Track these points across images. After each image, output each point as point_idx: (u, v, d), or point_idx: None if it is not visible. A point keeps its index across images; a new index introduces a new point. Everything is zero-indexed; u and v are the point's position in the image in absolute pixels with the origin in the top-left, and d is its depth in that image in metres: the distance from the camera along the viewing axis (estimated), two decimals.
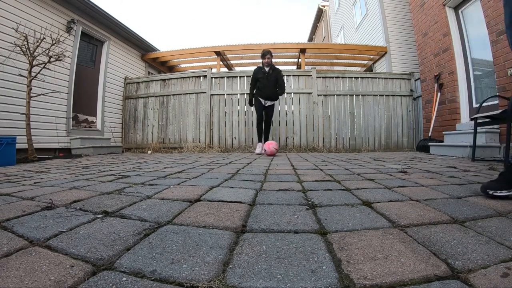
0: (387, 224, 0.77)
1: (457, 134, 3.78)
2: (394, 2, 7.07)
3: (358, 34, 8.95)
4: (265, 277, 0.49)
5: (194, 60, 8.13)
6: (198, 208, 0.94)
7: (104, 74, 5.91)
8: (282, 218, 0.83)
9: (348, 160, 2.98)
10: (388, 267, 0.52)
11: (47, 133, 4.56)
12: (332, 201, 1.05)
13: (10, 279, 0.47)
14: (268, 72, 4.12)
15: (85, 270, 0.51)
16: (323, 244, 0.63)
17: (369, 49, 7.22)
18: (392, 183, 1.42)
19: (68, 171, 2.20)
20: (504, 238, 0.65)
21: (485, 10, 3.50)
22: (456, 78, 4.20)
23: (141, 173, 1.92)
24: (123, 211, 0.91)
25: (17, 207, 0.96)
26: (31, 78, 3.64)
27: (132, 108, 6.30)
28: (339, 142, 5.58)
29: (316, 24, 16.37)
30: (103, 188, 1.32)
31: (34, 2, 4.32)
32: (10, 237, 0.67)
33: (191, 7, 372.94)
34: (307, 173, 1.85)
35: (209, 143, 5.61)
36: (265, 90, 4.15)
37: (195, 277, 0.49)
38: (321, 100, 5.64)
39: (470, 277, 0.48)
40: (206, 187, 1.34)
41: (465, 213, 0.86)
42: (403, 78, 5.70)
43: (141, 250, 0.60)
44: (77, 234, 0.69)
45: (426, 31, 4.89)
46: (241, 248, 0.62)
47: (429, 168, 2.13)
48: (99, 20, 5.61)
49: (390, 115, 5.61)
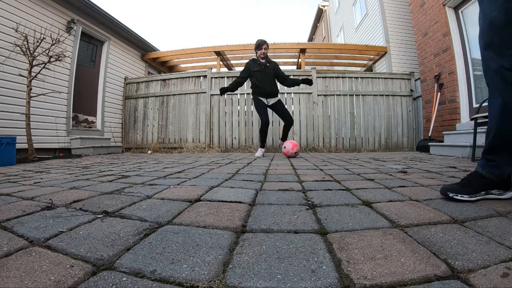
0: (387, 224, 0.77)
1: (457, 134, 3.78)
2: (394, 2, 7.07)
3: (358, 34, 8.95)
4: (265, 277, 0.49)
5: (194, 60, 8.14)
6: (198, 208, 0.94)
7: (104, 74, 5.91)
8: (282, 218, 0.83)
9: (348, 160, 2.98)
10: (388, 267, 0.52)
11: (47, 133, 4.56)
12: (332, 201, 1.05)
13: (10, 279, 0.47)
14: (265, 64, 3.54)
15: (85, 270, 0.51)
16: (323, 244, 0.63)
17: (369, 49, 7.22)
18: (392, 183, 1.42)
19: (68, 171, 2.20)
20: (504, 238, 0.65)
21: None
22: (456, 78, 4.20)
23: (141, 173, 1.92)
24: (123, 211, 0.91)
25: (17, 207, 0.96)
26: (31, 78, 3.64)
27: (132, 108, 6.30)
28: (339, 142, 5.58)
29: (316, 24, 16.37)
30: (103, 188, 1.32)
31: (34, 2, 4.32)
32: (10, 237, 0.67)
33: (191, 7, 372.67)
34: (307, 173, 1.85)
35: (209, 143, 5.61)
36: (265, 86, 3.53)
37: (195, 277, 0.49)
38: (321, 100, 5.64)
39: (470, 277, 0.48)
40: (206, 187, 1.34)
41: (465, 213, 0.86)
42: (403, 78, 5.70)
43: (141, 250, 0.60)
44: (77, 234, 0.69)
45: (426, 31, 4.89)
46: (241, 248, 0.62)
47: (429, 168, 2.13)
48: (99, 20, 5.61)
49: (390, 115, 5.61)
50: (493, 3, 0.95)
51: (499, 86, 0.97)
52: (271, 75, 3.60)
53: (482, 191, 1.00)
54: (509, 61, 0.93)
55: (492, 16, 0.95)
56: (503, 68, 0.94)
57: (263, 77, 3.53)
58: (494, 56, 0.97)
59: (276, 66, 3.67)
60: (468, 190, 1.00)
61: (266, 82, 3.55)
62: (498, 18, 0.93)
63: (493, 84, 1.00)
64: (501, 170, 0.99)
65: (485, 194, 1.00)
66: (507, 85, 0.95)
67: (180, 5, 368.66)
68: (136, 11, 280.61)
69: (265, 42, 3.51)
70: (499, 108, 0.98)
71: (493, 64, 0.97)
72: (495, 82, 0.98)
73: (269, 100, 3.63)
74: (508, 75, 0.94)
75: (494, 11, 0.94)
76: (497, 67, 0.96)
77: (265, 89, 3.55)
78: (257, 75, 3.53)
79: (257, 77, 3.53)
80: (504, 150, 0.99)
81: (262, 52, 3.49)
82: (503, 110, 0.97)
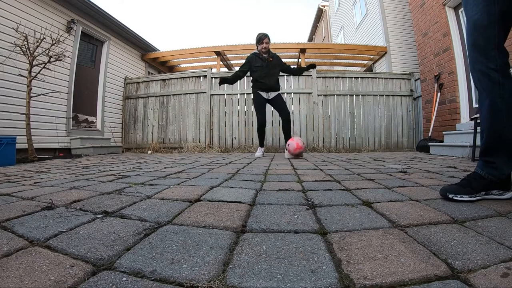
0: (387, 224, 0.77)
1: (457, 134, 3.78)
2: (394, 2, 7.07)
3: (358, 34, 8.95)
4: (265, 277, 0.49)
5: (194, 60, 8.14)
6: (198, 208, 0.94)
7: (104, 74, 5.91)
8: (282, 218, 0.83)
9: (348, 160, 2.98)
10: (388, 267, 0.52)
11: (47, 133, 4.56)
12: (332, 201, 1.05)
13: (10, 279, 0.47)
14: (269, 59, 3.39)
15: (85, 270, 0.51)
16: (323, 244, 0.63)
17: (369, 49, 7.23)
18: (392, 183, 1.42)
19: (68, 171, 2.20)
20: (504, 238, 0.65)
21: None
22: (456, 78, 4.20)
23: (141, 173, 1.92)
24: (123, 211, 0.91)
25: (17, 207, 0.96)
26: (31, 78, 3.64)
27: (132, 108, 6.30)
28: (339, 142, 5.58)
29: (316, 24, 16.38)
30: (103, 188, 1.32)
31: (34, 2, 4.32)
32: (10, 237, 0.67)
33: (191, 7, 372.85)
34: (307, 173, 1.85)
35: (209, 143, 5.61)
36: (267, 80, 3.39)
37: (195, 277, 0.49)
38: (321, 100, 5.64)
39: (470, 277, 0.48)
40: (206, 187, 1.34)
41: (465, 213, 0.86)
42: (403, 78, 5.71)
43: (141, 250, 0.60)
44: (77, 234, 0.69)
45: (426, 31, 4.89)
46: (241, 248, 0.62)
47: (429, 168, 2.13)
48: (99, 20, 5.61)
49: (390, 115, 5.61)
50: (475, 7, 0.99)
51: (486, 87, 0.99)
52: (275, 69, 3.46)
53: (482, 192, 1.00)
54: (494, 61, 0.96)
55: (475, 19, 0.99)
56: (489, 69, 0.97)
57: (266, 71, 3.39)
58: (479, 58, 0.99)
59: (279, 60, 3.54)
60: (468, 190, 1.00)
61: (268, 76, 3.40)
62: (481, 19, 0.97)
63: (481, 85, 1.01)
64: (499, 171, 0.99)
65: (485, 195, 1.00)
66: (493, 85, 0.96)
67: (180, 5, 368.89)
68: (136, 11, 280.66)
69: (266, 36, 3.35)
70: (488, 109, 1.00)
71: (479, 66, 1.00)
72: (482, 83, 1.00)
73: (269, 94, 3.48)
74: (494, 75, 0.96)
75: (477, 13, 0.98)
76: (483, 68, 0.98)
77: (267, 83, 3.41)
78: (259, 70, 3.39)
79: (259, 72, 3.39)
80: (500, 151, 0.99)
81: (263, 47, 3.35)
82: (491, 110, 0.99)
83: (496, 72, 0.95)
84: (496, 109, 0.97)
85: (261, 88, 3.44)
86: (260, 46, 3.38)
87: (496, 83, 0.96)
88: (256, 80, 3.44)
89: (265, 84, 3.41)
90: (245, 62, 3.49)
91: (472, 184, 1.01)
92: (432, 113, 4.63)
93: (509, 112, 0.96)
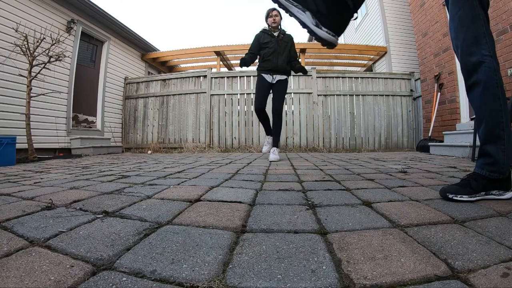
0: (387, 224, 0.77)
1: (457, 134, 3.78)
2: (394, 2, 7.08)
3: (358, 34, 8.95)
4: (265, 277, 0.49)
5: (194, 60, 8.14)
6: (198, 208, 0.94)
7: (104, 74, 5.92)
8: (282, 218, 0.83)
9: (348, 160, 2.98)
10: (388, 267, 0.52)
11: (47, 133, 4.57)
12: (332, 201, 1.04)
13: (10, 279, 0.47)
14: (280, 38, 2.95)
15: (85, 270, 0.51)
16: (323, 244, 0.63)
17: (369, 49, 7.23)
18: (392, 183, 1.42)
19: (68, 171, 2.20)
20: (504, 238, 0.65)
21: None
22: (456, 78, 4.20)
23: (141, 173, 1.92)
24: (123, 211, 0.91)
25: (17, 207, 0.95)
26: (31, 78, 3.64)
27: (132, 108, 6.30)
28: (339, 142, 5.58)
29: None
30: (103, 188, 1.32)
31: (34, 2, 4.32)
32: (10, 237, 0.67)
33: (191, 7, 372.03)
34: (307, 173, 1.85)
35: (209, 143, 5.61)
36: (275, 59, 2.93)
37: (195, 277, 0.49)
38: (321, 100, 5.64)
39: (470, 277, 0.48)
40: (206, 187, 1.34)
41: (465, 213, 0.86)
42: (403, 78, 5.71)
43: (141, 250, 0.60)
44: (77, 234, 0.69)
45: (426, 31, 4.89)
46: (241, 248, 0.62)
47: (429, 168, 2.13)
48: (99, 20, 5.61)
49: (390, 115, 5.61)
50: (456, 4, 1.02)
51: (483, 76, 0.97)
52: (285, 48, 2.98)
53: (482, 192, 1.00)
54: (487, 48, 0.97)
55: (459, 15, 1.01)
56: (484, 56, 0.97)
57: (275, 49, 2.93)
58: (472, 49, 0.99)
59: (291, 40, 3.05)
60: (468, 190, 0.99)
61: (276, 55, 2.94)
62: (465, 14, 0.99)
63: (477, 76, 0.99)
64: (499, 166, 0.98)
65: (485, 195, 1.00)
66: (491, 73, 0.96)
67: (180, 5, 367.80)
68: (136, 11, 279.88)
69: (274, 9, 2.91)
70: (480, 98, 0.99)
71: (473, 58, 0.99)
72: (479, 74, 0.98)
73: (275, 76, 2.99)
74: (489, 61, 0.97)
75: (459, 10, 1.00)
76: (478, 58, 0.98)
77: (273, 61, 2.93)
78: (267, 47, 2.95)
79: (267, 50, 2.95)
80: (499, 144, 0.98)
81: (272, 21, 2.92)
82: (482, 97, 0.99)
83: (491, 58, 0.96)
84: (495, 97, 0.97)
85: (266, 69, 2.98)
86: (269, 19, 2.96)
87: (492, 70, 0.96)
88: (262, 58, 3.00)
89: (271, 62, 2.94)
90: (253, 42, 3.03)
91: (472, 184, 1.01)
92: (432, 113, 4.64)
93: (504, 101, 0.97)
